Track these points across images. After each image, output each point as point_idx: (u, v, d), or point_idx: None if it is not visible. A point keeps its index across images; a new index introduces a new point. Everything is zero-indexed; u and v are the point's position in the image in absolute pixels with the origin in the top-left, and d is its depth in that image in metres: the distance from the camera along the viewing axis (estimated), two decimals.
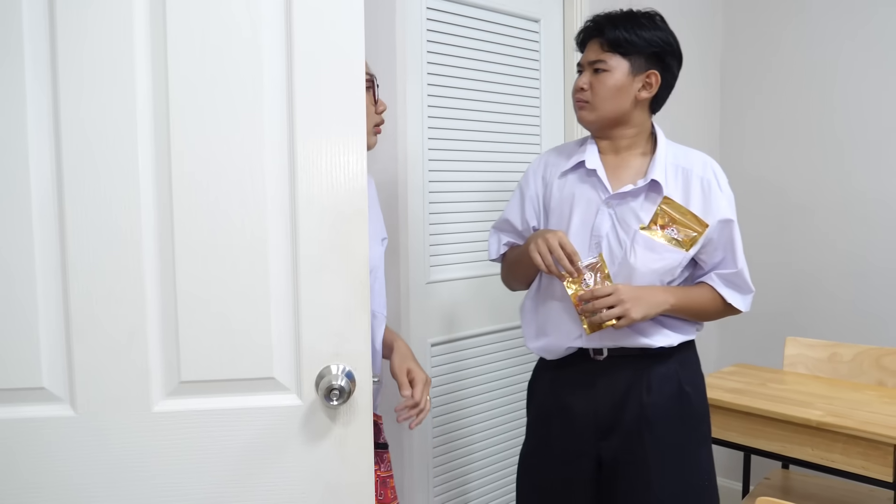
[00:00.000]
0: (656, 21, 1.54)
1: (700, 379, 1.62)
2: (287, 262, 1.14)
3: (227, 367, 1.14)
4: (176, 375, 1.13)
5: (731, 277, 1.55)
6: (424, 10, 1.93)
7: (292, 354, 1.16)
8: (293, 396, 1.17)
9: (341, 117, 1.14)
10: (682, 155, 1.57)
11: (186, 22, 1.09)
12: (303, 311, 1.15)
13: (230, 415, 1.15)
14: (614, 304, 1.44)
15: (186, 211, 1.11)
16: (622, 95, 1.52)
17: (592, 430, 1.56)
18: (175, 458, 1.13)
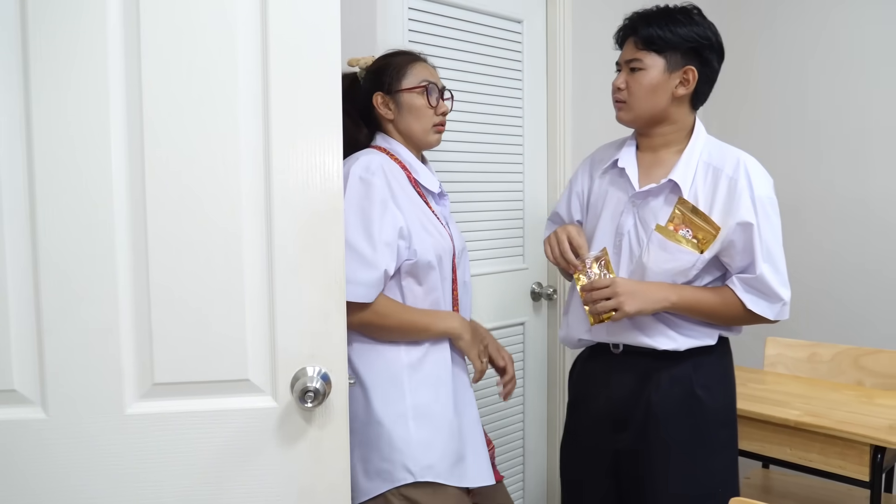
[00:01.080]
0: (692, 16, 1.51)
1: (721, 384, 1.57)
2: (262, 262, 1.14)
3: (201, 368, 1.14)
4: (149, 377, 1.12)
5: (751, 282, 1.49)
6: (406, 10, 1.92)
7: (267, 356, 1.15)
8: (268, 398, 1.16)
9: (318, 118, 1.14)
10: (718, 153, 1.52)
11: (162, 19, 1.09)
12: (278, 312, 1.14)
13: (204, 417, 1.14)
14: (610, 296, 1.47)
15: (160, 212, 1.11)
16: (659, 93, 1.51)
17: (608, 423, 1.59)
18: (148, 461, 1.13)
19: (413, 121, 1.54)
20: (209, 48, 1.10)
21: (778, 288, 1.49)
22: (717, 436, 1.55)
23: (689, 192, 1.49)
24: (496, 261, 2.23)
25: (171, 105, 1.09)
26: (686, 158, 1.51)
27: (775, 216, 1.49)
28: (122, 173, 1.09)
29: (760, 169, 1.51)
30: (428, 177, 1.56)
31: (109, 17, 1.07)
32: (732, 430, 1.59)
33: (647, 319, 1.53)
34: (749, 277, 1.48)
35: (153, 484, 1.13)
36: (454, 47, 2.05)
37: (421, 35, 1.96)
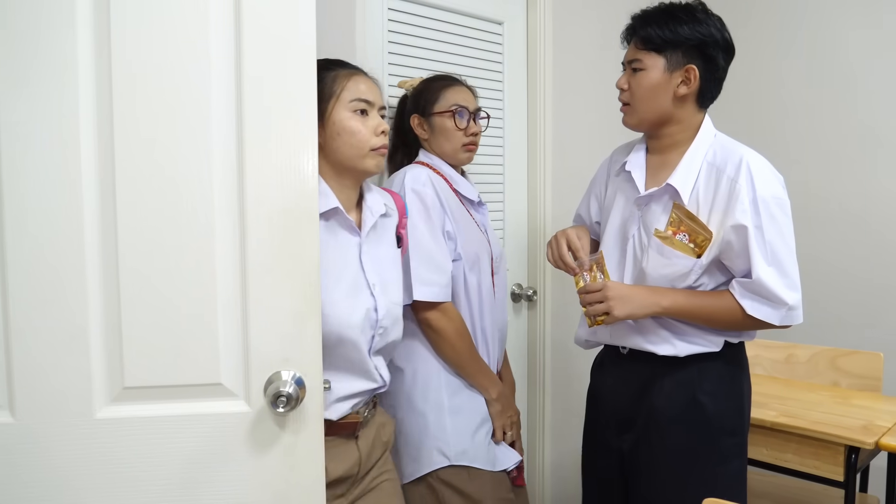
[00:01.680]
0: (695, 12, 1.46)
1: (727, 391, 1.51)
2: (235, 264, 1.12)
3: (172, 372, 1.12)
4: (119, 381, 1.10)
5: (750, 286, 1.42)
6: (386, 10, 1.92)
7: (240, 360, 1.13)
8: (241, 403, 1.14)
9: (293, 119, 1.12)
10: (722, 152, 1.47)
11: (132, 17, 1.07)
12: (251, 314, 1.13)
13: (176, 422, 1.12)
14: (601, 299, 1.47)
15: (130, 211, 1.09)
16: (660, 94, 1.47)
17: (615, 423, 1.60)
18: (118, 466, 1.11)
19: (444, 141, 1.71)
20: (181, 47, 1.09)
21: (781, 292, 1.41)
22: (721, 444, 1.50)
23: (690, 194, 1.45)
24: None
25: (141, 106, 1.08)
26: (688, 161, 1.48)
27: (783, 217, 1.42)
28: (91, 176, 1.07)
29: (765, 168, 1.44)
30: (467, 187, 1.73)
31: (79, 16, 1.05)
32: (740, 439, 1.53)
33: (650, 324, 1.51)
34: (747, 281, 1.42)
35: (123, 489, 1.11)
36: (434, 48, 2.05)
37: (400, 36, 1.96)
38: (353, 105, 1.35)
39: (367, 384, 1.38)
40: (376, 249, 1.42)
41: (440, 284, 1.58)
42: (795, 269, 1.44)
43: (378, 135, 1.36)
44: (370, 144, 1.35)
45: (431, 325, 1.61)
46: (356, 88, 1.36)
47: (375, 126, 1.36)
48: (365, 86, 1.37)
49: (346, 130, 1.34)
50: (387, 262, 1.44)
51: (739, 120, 2.82)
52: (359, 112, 1.35)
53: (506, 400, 1.74)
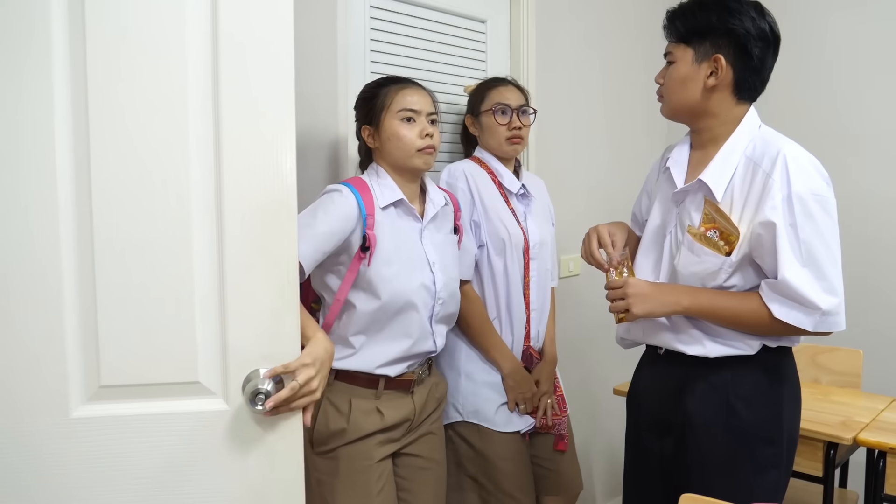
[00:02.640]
0: (727, 2, 1.40)
1: (763, 397, 1.43)
2: (213, 262, 1.11)
3: (150, 370, 1.11)
4: (96, 379, 1.09)
5: (777, 288, 1.34)
6: (368, 8, 1.91)
7: (218, 358, 1.13)
8: (219, 401, 1.14)
9: (270, 118, 1.13)
10: (762, 145, 1.40)
11: (109, 16, 1.06)
12: (229, 312, 1.12)
13: (153, 420, 1.11)
14: (622, 297, 1.45)
15: (106, 207, 1.07)
16: (689, 85, 1.44)
17: (653, 425, 1.57)
18: (95, 466, 1.09)
19: (489, 137, 1.92)
20: (158, 46, 1.08)
21: (814, 295, 1.31)
22: (758, 452, 1.43)
23: (725, 190, 1.40)
24: None
25: (117, 105, 1.07)
26: (723, 155, 1.42)
27: (822, 214, 1.33)
28: (66, 179, 1.06)
29: (805, 163, 1.36)
30: (511, 180, 1.92)
31: (53, 19, 1.05)
32: (779, 449, 1.44)
33: (682, 323, 1.46)
34: (774, 282, 1.34)
35: (99, 489, 1.10)
36: (417, 46, 2.04)
37: (383, 34, 1.95)
38: (400, 114, 1.57)
39: (422, 347, 1.60)
40: (436, 235, 1.66)
41: (463, 265, 1.79)
42: (836, 271, 1.34)
43: (423, 137, 1.57)
44: (416, 146, 1.56)
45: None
46: (403, 100, 1.58)
47: (420, 130, 1.57)
48: (412, 97, 1.59)
49: (394, 136, 1.57)
50: (446, 245, 1.68)
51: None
52: (405, 120, 1.57)
53: (518, 376, 1.88)
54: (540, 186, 2.09)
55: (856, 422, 1.84)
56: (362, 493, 1.55)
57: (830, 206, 1.35)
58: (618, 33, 2.75)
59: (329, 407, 1.56)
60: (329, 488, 1.56)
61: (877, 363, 2.49)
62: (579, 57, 2.58)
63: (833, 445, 1.79)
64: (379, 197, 1.56)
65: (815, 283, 1.32)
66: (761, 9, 1.42)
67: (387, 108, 1.58)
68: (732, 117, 1.45)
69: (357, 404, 1.56)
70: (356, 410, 1.55)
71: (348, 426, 1.54)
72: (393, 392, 1.59)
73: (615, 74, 2.75)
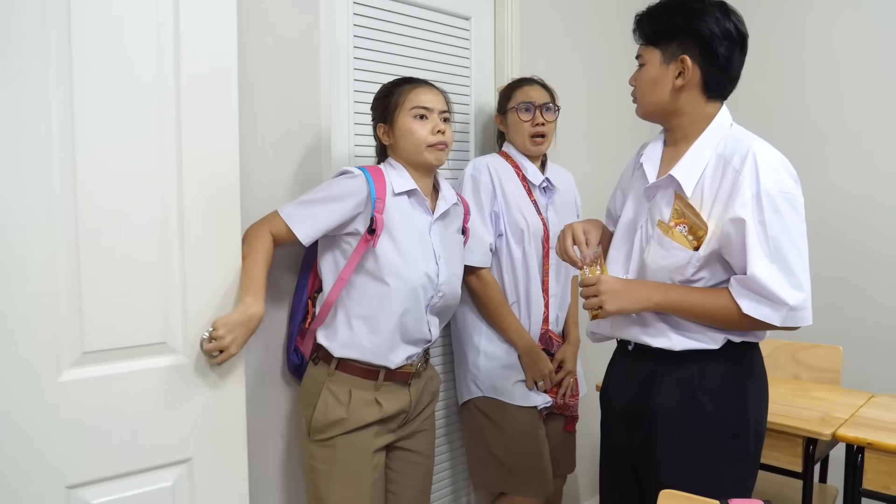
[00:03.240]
0: (690, 4, 1.44)
1: (728, 391, 1.46)
2: (176, 244, 1.37)
3: (125, 336, 1.33)
4: (79, 347, 1.28)
5: (745, 283, 1.36)
6: (351, 5, 1.90)
7: (180, 322, 1.40)
8: (181, 356, 1.41)
9: (218, 123, 1.41)
10: (733, 144, 1.42)
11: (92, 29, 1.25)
12: (189, 285, 1.39)
13: (129, 378, 1.34)
14: (595, 294, 1.47)
15: (89, 207, 1.27)
16: (658, 87, 1.47)
17: (624, 419, 1.59)
18: (82, 420, 1.29)
19: (514, 134, 2.06)
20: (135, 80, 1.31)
21: (781, 291, 1.34)
22: (723, 445, 1.45)
23: (695, 186, 1.43)
24: None
25: (98, 112, 1.27)
26: (694, 152, 1.45)
27: (790, 211, 1.36)
28: (55, 178, 1.23)
29: (774, 162, 1.38)
30: (534, 173, 2.06)
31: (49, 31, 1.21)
32: (744, 442, 1.46)
33: (650, 316, 1.49)
34: (743, 278, 1.37)
35: (87, 440, 1.29)
36: (401, 43, 2.04)
37: (366, 30, 1.95)
38: (413, 112, 1.64)
39: (417, 335, 1.65)
40: (444, 230, 1.74)
41: (479, 253, 1.96)
42: (803, 267, 1.37)
43: (434, 134, 1.64)
44: (427, 142, 1.63)
45: (468, 286, 1.99)
46: (416, 98, 1.65)
47: (432, 127, 1.64)
48: (425, 95, 1.66)
49: (407, 132, 1.64)
50: (452, 243, 1.76)
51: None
52: (418, 117, 1.64)
53: (534, 355, 2.01)
54: (567, 179, 2.22)
55: (835, 417, 1.86)
56: (357, 483, 1.59)
57: (798, 204, 1.38)
58: (602, 31, 2.76)
59: (329, 396, 1.60)
60: (324, 476, 1.60)
61: (856, 359, 2.53)
62: (563, 54, 2.59)
63: (813, 441, 1.81)
64: (394, 183, 1.63)
65: (782, 279, 1.35)
66: (726, 9, 1.44)
67: (401, 106, 1.65)
68: (703, 115, 1.47)
69: (357, 395, 1.60)
70: (356, 400, 1.60)
71: (348, 416, 1.59)
72: (391, 384, 1.65)
73: (599, 72, 2.75)
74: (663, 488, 1.37)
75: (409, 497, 1.74)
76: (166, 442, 1.39)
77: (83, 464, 1.29)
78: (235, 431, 1.50)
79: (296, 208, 1.56)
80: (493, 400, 2.00)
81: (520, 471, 1.99)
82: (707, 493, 1.29)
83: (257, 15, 1.67)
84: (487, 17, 2.32)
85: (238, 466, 1.51)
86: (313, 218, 1.55)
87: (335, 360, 1.61)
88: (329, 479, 1.59)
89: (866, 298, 2.64)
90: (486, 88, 2.33)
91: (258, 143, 1.68)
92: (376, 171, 1.63)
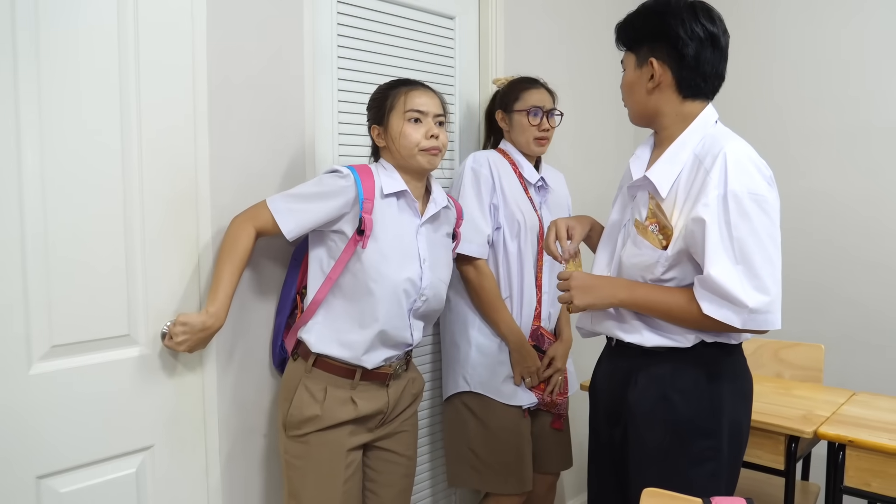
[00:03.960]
0: (657, 7, 1.46)
1: (702, 393, 1.45)
2: (138, 244, 1.46)
3: (91, 329, 1.40)
4: (49, 340, 1.34)
5: (705, 284, 1.35)
6: (335, 3, 1.89)
7: (143, 315, 1.48)
8: (144, 348, 1.49)
9: (177, 129, 1.51)
10: (709, 144, 1.42)
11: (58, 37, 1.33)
12: (150, 279, 1.48)
13: (96, 369, 1.42)
14: (567, 289, 1.50)
15: (56, 204, 1.34)
16: (635, 90, 1.51)
17: (607, 415, 1.60)
18: (51, 411, 1.35)
19: (519, 135, 2.09)
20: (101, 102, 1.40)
21: (741, 293, 1.32)
22: (694, 445, 1.45)
23: (671, 186, 1.43)
24: None
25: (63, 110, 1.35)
26: (671, 153, 1.46)
27: (759, 213, 1.34)
28: (24, 177, 1.30)
29: (744, 162, 1.36)
30: (531, 172, 2.10)
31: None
32: (716, 442, 1.45)
33: (627, 313, 1.51)
34: (702, 278, 1.35)
35: (57, 429, 1.35)
36: (385, 42, 2.03)
37: (350, 29, 1.94)
38: (407, 115, 1.63)
39: (399, 338, 1.65)
40: (432, 234, 1.72)
41: (476, 243, 1.99)
42: (769, 270, 1.34)
43: (428, 138, 1.63)
44: (420, 146, 1.62)
45: (464, 276, 2.03)
46: (410, 101, 1.64)
47: (426, 131, 1.63)
48: (420, 98, 1.64)
49: (401, 135, 1.63)
50: (440, 246, 1.75)
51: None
52: (412, 120, 1.62)
53: (524, 350, 2.03)
54: (559, 179, 2.27)
55: (817, 415, 1.87)
56: (329, 480, 1.59)
57: (768, 206, 1.36)
58: (587, 30, 2.77)
59: (304, 393, 1.60)
60: (298, 472, 1.60)
61: (838, 358, 2.55)
62: (548, 54, 2.59)
63: (795, 439, 1.82)
64: (384, 184, 1.63)
65: (745, 282, 1.32)
66: (695, 9, 1.45)
67: (395, 108, 1.64)
68: (682, 115, 1.48)
69: (332, 392, 1.60)
70: (331, 398, 1.60)
71: (322, 413, 1.58)
72: (368, 384, 1.65)
73: (584, 71, 2.76)
74: (635, 486, 1.40)
75: (387, 496, 1.74)
76: (130, 430, 1.46)
77: (53, 454, 1.34)
78: (195, 419, 1.58)
79: (285, 201, 1.56)
80: (480, 396, 2.02)
81: (498, 468, 2.01)
82: (678, 491, 1.28)
83: (241, 13, 1.65)
84: (472, 16, 2.32)
85: (197, 452, 1.60)
86: (300, 214, 1.55)
87: (313, 356, 1.61)
88: (303, 475, 1.60)
89: (847, 297, 2.67)
90: (471, 88, 2.33)
91: (240, 142, 1.67)
92: (365, 170, 1.62)
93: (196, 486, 1.61)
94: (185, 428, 1.56)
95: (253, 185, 1.70)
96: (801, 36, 2.73)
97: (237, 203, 1.64)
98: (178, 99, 1.51)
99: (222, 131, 1.62)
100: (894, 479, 1.69)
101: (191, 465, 1.59)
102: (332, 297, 1.61)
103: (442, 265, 1.74)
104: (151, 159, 1.47)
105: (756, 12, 2.82)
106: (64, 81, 1.34)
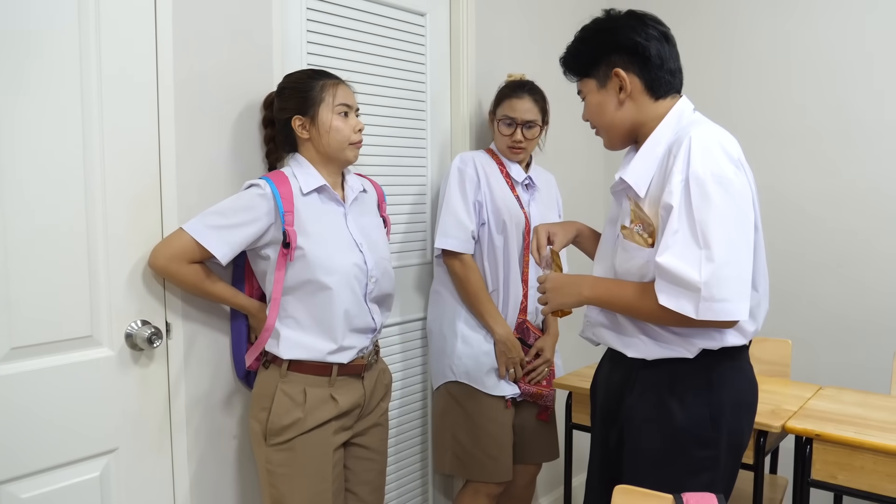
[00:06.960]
0: (599, 25, 1.47)
1: (699, 399, 1.40)
2: (101, 244, 1.45)
3: (53, 330, 1.38)
4: (7, 342, 1.32)
5: (658, 272, 1.31)
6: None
7: (105, 316, 1.47)
8: (107, 349, 1.48)
9: (136, 127, 1.50)
10: (682, 133, 1.37)
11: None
12: (113, 279, 1.47)
13: (57, 371, 1.39)
14: (543, 292, 1.51)
15: (14, 204, 1.32)
16: (605, 108, 1.47)
17: (603, 415, 1.60)
18: (11, 415, 1.33)
19: (496, 139, 2.18)
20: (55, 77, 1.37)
21: (693, 273, 1.25)
22: (692, 454, 1.40)
23: (648, 185, 1.40)
24: (397, 255, 2.21)
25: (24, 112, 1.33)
26: (644, 152, 1.43)
27: (720, 195, 1.27)
28: None
29: (710, 144, 1.32)
30: (517, 171, 2.18)
31: None
32: (714, 452, 1.40)
33: (626, 323, 1.46)
34: (656, 268, 1.31)
35: (18, 432, 1.33)
36: (355, 38, 2.01)
37: (320, 25, 1.91)
38: (338, 109, 1.64)
39: (362, 323, 1.66)
40: (361, 218, 1.74)
41: (460, 239, 2.06)
42: (729, 252, 1.27)
43: (356, 132, 1.66)
44: (350, 140, 1.65)
45: (450, 270, 2.11)
46: (340, 95, 1.65)
47: (354, 125, 1.66)
48: (346, 93, 1.67)
49: (332, 129, 1.63)
50: (371, 228, 1.75)
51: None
52: (342, 114, 1.64)
53: (509, 342, 2.09)
54: (549, 180, 2.32)
55: (784, 410, 1.89)
56: (319, 481, 1.59)
57: (732, 188, 1.29)
58: (558, 28, 2.76)
59: (284, 398, 1.58)
60: (284, 479, 1.59)
61: (805, 353, 2.59)
62: (520, 50, 2.59)
63: (763, 433, 1.84)
64: (302, 184, 1.62)
65: (703, 264, 1.26)
66: (635, 14, 1.46)
67: (324, 102, 1.62)
68: (658, 116, 1.45)
69: (312, 393, 1.60)
70: (312, 398, 1.59)
71: (304, 415, 1.58)
72: (345, 378, 1.66)
73: (556, 67, 2.75)
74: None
75: (364, 493, 1.75)
76: (94, 433, 1.45)
77: (13, 459, 1.32)
78: (160, 421, 1.57)
79: (209, 228, 1.51)
80: (464, 386, 2.09)
81: (478, 456, 2.07)
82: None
83: (210, 7, 1.62)
84: (443, 12, 2.31)
85: (163, 454, 1.59)
86: (229, 235, 1.52)
87: (286, 361, 1.59)
88: (290, 481, 1.58)
89: (814, 292, 2.71)
90: (443, 85, 2.32)
91: (205, 139, 1.64)
92: (280, 177, 1.59)
93: (163, 488, 1.59)
94: (150, 430, 1.55)
95: (219, 183, 1.67)
96: (756, 37, 2.76)
97: (203, 201, 1.61)
98: (142, 95, 1.50)
99: (188, 129, 1.59)
100: (860, 471, 1.72)
101: (157, 467, 1.58)
102: (287, 304, 1.59)
103: (380, 245, 1.75)
104: (114, 156, 1.45)
105: (714, 14, 2.84)
106: (21, 77, 1.31)
